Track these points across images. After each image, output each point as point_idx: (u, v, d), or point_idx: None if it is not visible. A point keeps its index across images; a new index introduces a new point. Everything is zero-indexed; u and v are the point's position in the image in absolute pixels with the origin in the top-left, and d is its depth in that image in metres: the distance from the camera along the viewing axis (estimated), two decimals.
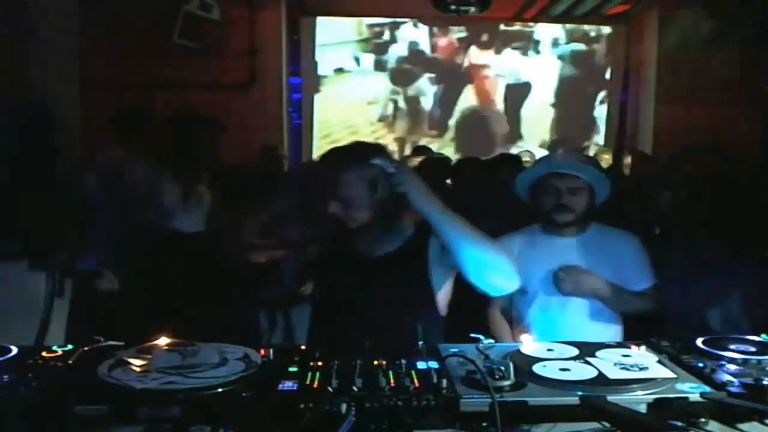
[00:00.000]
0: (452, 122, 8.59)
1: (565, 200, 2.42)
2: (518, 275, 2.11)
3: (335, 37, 8.37)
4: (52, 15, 4.17)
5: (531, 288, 2.47)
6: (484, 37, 8.54)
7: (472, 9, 6.22)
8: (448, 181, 4.60)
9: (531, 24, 8.52)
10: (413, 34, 8.46)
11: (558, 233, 2.50)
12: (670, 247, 2.76)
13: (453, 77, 8.55)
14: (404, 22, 8.40)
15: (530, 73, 8.64)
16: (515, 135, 8.64)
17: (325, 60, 8.39)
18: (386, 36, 8.43)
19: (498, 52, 8.59)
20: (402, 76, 8.48)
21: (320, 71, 8.40)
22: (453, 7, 6.20)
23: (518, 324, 2.53)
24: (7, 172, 3.49)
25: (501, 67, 8.59)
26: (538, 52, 8.62)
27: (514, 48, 8.61)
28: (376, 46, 8.43)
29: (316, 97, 8.40)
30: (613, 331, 2.45)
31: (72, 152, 4.04)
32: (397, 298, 1.98)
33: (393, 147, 8.23)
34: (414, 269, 2.02)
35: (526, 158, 5.99)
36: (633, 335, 2.37)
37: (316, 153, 8.32)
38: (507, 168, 4.33)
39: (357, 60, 8.43)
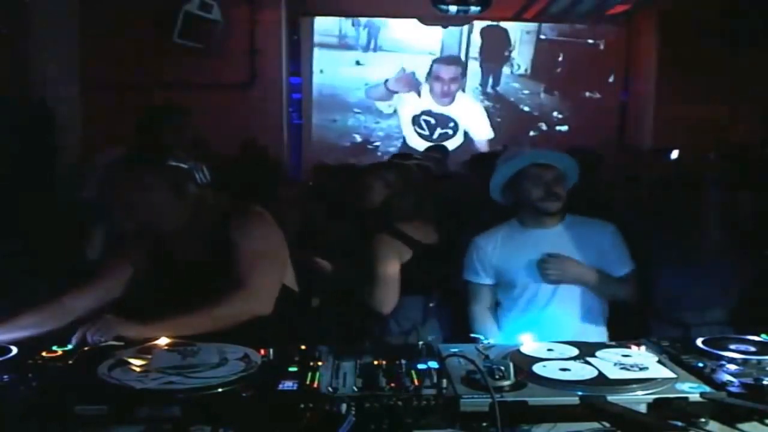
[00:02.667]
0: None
1: (554, 189, 2.47)
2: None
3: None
4: (52, 15, 4.17)
5: (516, 281, 2.50)
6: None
7: (472, 9, 6.22)
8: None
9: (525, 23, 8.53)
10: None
11: (537, 225, 2.53)
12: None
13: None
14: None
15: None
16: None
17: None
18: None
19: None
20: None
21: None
22: (453, 7, 6.19)
23: (505, 318, 2.55)
24: (8, 172, 3.49)
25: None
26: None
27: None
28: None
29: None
30: (599, 321, 2.49)
31: (72, 152, 4.04)
32: None
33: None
34: None
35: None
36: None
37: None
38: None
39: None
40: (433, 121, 8.54)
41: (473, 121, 8.61)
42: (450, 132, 8.56)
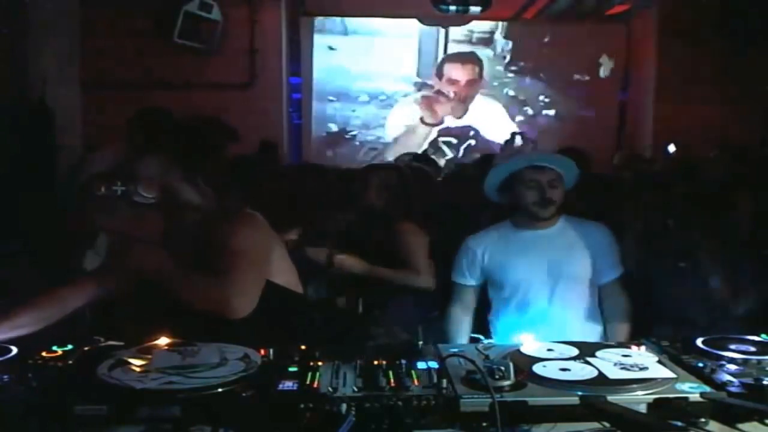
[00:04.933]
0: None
1: (549, 194, 2.45)
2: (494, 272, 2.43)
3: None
4: (52, 15, 4.17)
5: (507, 282, 2.50)
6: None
7: (473, 9, 6.23)
8: None
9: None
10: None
11: (530, 227, 2.53)
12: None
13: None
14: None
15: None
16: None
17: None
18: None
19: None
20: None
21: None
22: (453, 7, 6.20)
23: (496, 319, 2.56)
24: (8, 172, 3.49)
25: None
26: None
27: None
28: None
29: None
30: (594, 321, 2.51)
31: (72, 152, 4.04)
32: None
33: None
34: None
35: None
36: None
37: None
38: None
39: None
40: (454, 140, 7.86)
41: (493, 125, 7.90)
42: (473, 142, 7.92)
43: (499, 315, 2.56)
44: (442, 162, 6.40)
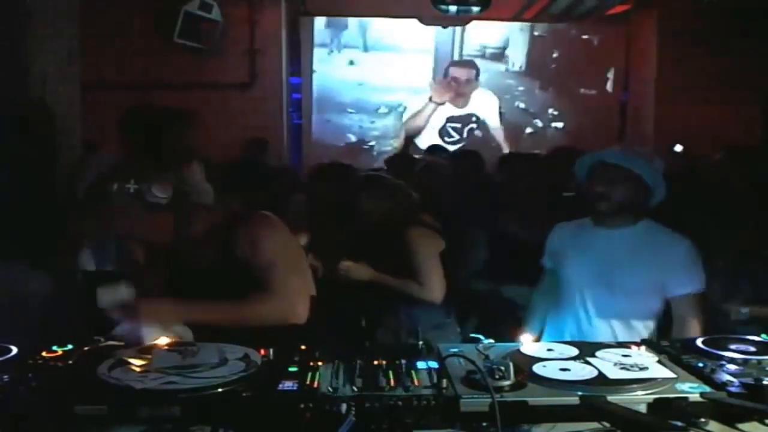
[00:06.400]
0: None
1: (604, 189, 2.41)
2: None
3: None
4: (52, 15, 4.17)
5: (572, 278, 2.48)
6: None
7: (473, 9, 6.22)
8: None
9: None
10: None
11: (603, 225, 2.48)
12: None
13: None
14: None
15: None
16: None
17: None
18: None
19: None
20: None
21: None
22: (453, 7, 6.19)
23: (552, 319, 2.55)
24: (7, 172, 3.48)
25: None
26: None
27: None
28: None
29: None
30: (651, 329, 2.43)
31: (72, 152, 4.04)
32: None
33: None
34: None
35: None
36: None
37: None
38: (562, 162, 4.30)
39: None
40: (458, 125, 8.66)
41: (490, 113, 8.73)
42: (475, 126, 8.68)
43: (555, 314, 2.53)
44: (451, 148, 6.75)
